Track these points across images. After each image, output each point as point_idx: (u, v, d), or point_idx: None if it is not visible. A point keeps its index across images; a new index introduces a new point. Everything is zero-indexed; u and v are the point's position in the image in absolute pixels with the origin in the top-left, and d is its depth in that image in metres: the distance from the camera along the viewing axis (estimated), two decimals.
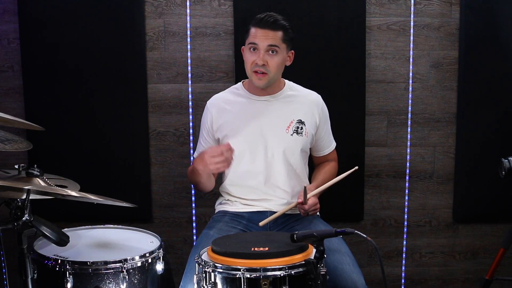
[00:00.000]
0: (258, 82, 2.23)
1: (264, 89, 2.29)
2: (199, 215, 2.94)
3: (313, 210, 2.18)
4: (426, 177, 2.95)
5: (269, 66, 2.20)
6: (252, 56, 2.21)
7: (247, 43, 2.24)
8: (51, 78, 2.83)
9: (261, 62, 2.19)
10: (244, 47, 2.30)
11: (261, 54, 2.19)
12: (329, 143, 2.45)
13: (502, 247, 2.47)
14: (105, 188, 2.74)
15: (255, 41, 2.20)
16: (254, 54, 2.21)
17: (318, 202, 2.21)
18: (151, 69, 2.86)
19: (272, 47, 2.20)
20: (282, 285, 1.64)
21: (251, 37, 2.21)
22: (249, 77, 2.27)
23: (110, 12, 2.79)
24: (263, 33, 2.19)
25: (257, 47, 2.20)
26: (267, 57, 2.20)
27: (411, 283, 3.03)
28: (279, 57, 2.22)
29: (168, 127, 2.90)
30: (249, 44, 2.22)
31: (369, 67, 2.85)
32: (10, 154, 2.81)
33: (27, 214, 1.66)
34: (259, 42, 2.19)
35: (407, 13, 2.83)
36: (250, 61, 2.22)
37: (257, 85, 2.25)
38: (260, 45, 2.19)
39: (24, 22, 2.79)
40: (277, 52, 2.21)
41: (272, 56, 2.20)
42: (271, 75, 2.22)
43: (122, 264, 1.84)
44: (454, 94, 2.88)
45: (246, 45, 2.25)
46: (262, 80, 2.22)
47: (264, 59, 2.19)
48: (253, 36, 2.20)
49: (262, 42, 2.19)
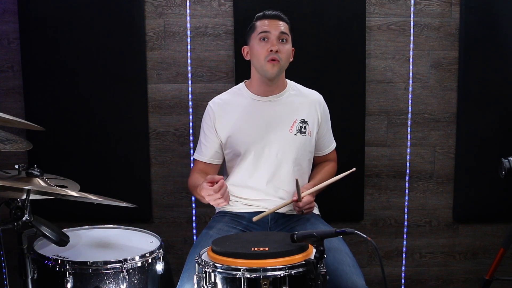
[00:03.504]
0: (272, 69, 2.22)
1: (267, 88, 2.29)
2: (199, 215, 2.94)
3: (308, 209, 2.18)
4: (426, 177, 2.95)
5: (281, 53, 2.22)
6: (264, 46, 2.22)
7: (256, 35, 2.25)
8: (51, 78, 2.83)
9: (275, 48, 2.20)
10: (245, 47, 2.31)
11: (274, 41, 2.21)
12: (329, 143, 2.46)
13: (502, 247, 2.47)
14: (105, 188, 2.74)
15: (266, 29, 2.23)
16: (267, 43, 2.22)
17: (313, 201, 2.22)
18: (151, 69, 2.86)
19: (284, 35, 2.24)
20: (282, 285, 1.64)
21: (261, 27, 2.24)
22: (261, 69, 2.25)
23: (110, 12, 2.79)
24: (274, 22, 2.24)
25: (269, 36, 2.22)
26: (279, 45, 2.22)
27: (411, 283, 3.03)
28: (289, 46, 2.27)
29: (168, 127, 2.90)
30: (260, 34, 2.23)
31: (369, 67, 2.86)
32: (10, 154, 2.81)
33: (27, 214, 1.66)
34: (272, 30, 2.22)
35: (407, 13, 2.83)
36: (263, 51, 2.22)
37: (271, 73, 2.23)
38: (272, 33, 2.22)
39: (24, 22, 2.79)
40: (287, 41, 2.26)
41: (283, 44, 2.24)
42: (282, 63, 2.24)
43: (122, 264, 1.84)
44: (454, 94, 2.89)
45: (255, 37, 2.25)
46: (275, 67, 2.22)
47: (277, 45, 2.21)
48: (263, 26, 2.24)
49: (274, 30, 2.22)
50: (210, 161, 2.37)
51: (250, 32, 2.29)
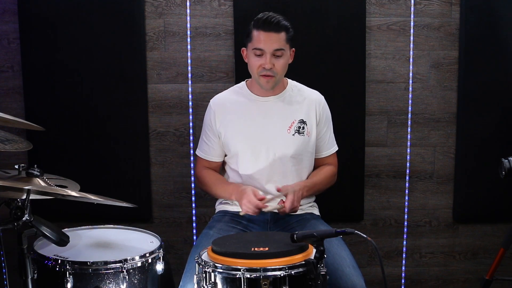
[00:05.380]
0: (267, 85, 2.23)
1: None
2: (199, 215, 2.94)
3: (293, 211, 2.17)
4: (426, 177, 2.95)
5: (276, 69, 2.20)
6: (258, 60, 2.20)
7: (250, 47, 2.22)
8: (51, 78, 2.83)
9: (269, 66, 2.18)
10: (245, 49, 2.29)
11: (268, 58, 2.18)
12: (328, 145, 2.41)
13: (502, 247, 2.47)
14: (105, 188, 2.74)
15: (260, 46, 2.18)
16: (260, 58, 2.20)
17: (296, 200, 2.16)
18: (151, 69, 2.86)
19: (278, 52, 2.19)
20: (282, 285, 1.64)
21: (255, 42, 2.19)
22: (255, 80, 2.27)
23: (110, 12, 2.79)
24: (268, 37, 2.17)
25: (263, 52, 2.19)
26: (274, 61, 2.19)
27: (411, 283, 3.03)
28: (284, 59, 2.23)
29: (168, 127, 2.90)
30: (254, 49, 2.20)
31: (369, 67, 2.85)
32: (10, 154, 2.81)
33: (27, 214, 1.66)
34: (265, 47, 2.18)
35: (407, 13, 2.83)
36: (256, 66, 2.21)
37: (265, 88, 2.25)
38: (266, 50, 2.18)
39: (24, 22, 2.79)
40: (282, 55, 2.21)
41: (278, 59, 2.21)
42: (278, 77, 2.23)
43: (122, 264, 1.84)
44: (454, 94, 2.88)
45: (250, 49, 2.23)
46: (269, 82, 2.22)
47: (271, 62, 2.19)
48: (257, 41, 2.19)
49: (268, 47, 2.18)
50: (212, 159, 2.38)
51: (247, 39, 2.25)
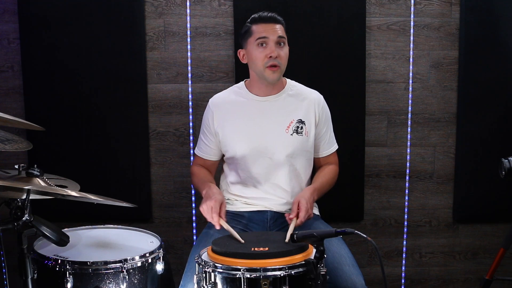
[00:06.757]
0: (273, 76, 2.22)
1: (266, 88, 2.29)
2: (199, 215, 2.94)
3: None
4: (426, 177, 2.95)
5: (280, 58, 2.21)
6: (262, 51, 2.20)
7: (252, 41, 2.22)
8: (51, 78, 2.83)
9: (275, 54, 2.18)
10: (241, 50, 2.29)
11: (273, 46, 2.19)
12: (328, 145, 2.41)
13: (502, 247, 2.46)
14: (105, 188, 2.75)
15: (264, 34, 2.19)
16: (265, 49, 2.20)
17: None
18: (151, 69, 2.86)
19: (281, 39, 2.21)
20: (282, 285, 1.64)
21: (258, 32, 2.20)
22: (260, 74, 2.24)
23: (110, 12, 2.79)
24: (270, 27, 2.20)
25: (267, 41, 2.19)
26: (278, 50, 2.20)
27: (411, 283, 3.03)
28: (287, 49, 2.25)
29: (168, 127, 2.90)
30: (257, 40, 2.20)
31: (369, 67, 2.86)
32: (10, 154, 2.81)
33: (27, 214, 1.66)
34: (269, 35, 2.19)
35: (407, 13, 2.83)
36: (261, 57, 2.20)
37: (272, 79, 2.23)
38: (270, 38, 2.19)
39: (24, 22, 2.79)
40: (284, 44, 2.23)
41: (281, 48, 2.22)
42: (282, 67, 2.23)
43: (122, 264, 1.84)
44: (454, 94, 2.89)
45: (252, 43, 2.22)
46: (276, 73, 2.21)
47: (276, 51, 2.19)
48: (260, 31, 2.20)
49: (272, 35, 2.19)
50: (209, 158, 2.38)
51: (246, 37, 2.25)
